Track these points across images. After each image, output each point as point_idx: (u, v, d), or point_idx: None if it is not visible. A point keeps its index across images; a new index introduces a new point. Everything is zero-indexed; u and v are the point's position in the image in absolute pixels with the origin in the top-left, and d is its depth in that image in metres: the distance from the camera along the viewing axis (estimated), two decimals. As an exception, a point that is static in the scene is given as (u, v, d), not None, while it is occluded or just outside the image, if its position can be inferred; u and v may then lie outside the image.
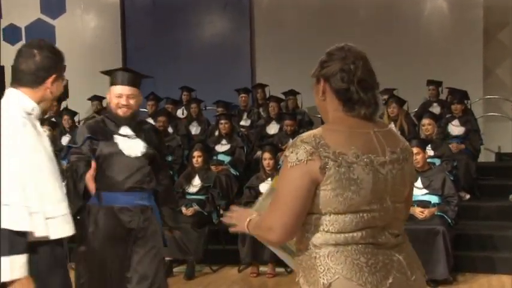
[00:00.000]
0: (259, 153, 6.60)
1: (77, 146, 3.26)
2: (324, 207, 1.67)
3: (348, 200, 1.65)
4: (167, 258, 5.55)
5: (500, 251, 5.62)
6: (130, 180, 3.23)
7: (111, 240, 3.21)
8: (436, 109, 7.77)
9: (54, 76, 2.29)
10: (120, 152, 3.25)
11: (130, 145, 3.29)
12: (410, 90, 7.97)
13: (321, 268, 1.67)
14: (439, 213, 5.27)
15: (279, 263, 5.57)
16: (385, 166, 1.70)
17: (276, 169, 5.97)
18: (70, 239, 5.94)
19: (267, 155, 5.92)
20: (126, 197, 3.23)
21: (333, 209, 1.67)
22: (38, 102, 2.26)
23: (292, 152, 1.67)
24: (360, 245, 1.67)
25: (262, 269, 5.60)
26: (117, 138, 3.29)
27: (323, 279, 1.65)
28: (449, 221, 5.26)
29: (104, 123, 3.34)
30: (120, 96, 3.28)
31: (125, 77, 3.31)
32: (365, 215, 1.67)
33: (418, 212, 5.22)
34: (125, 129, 3.33)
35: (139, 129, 3.36)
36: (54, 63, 2.30)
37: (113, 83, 3.33)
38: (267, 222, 1.71)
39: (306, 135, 1.71)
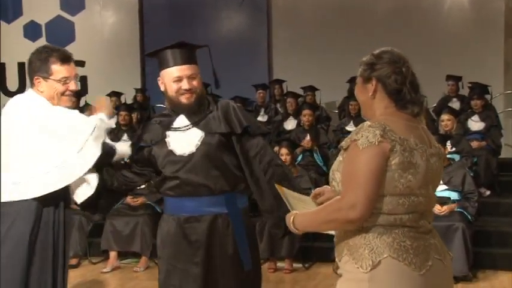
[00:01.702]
0: (276, 148, 6.60)
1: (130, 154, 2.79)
2: (385, 187, 1.79)
3: (407, 182, 1.79)
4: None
5: (521, 248, 5.55)
6: (190, 182, 2.56)
7: (178, 256, 2.61)
8: (455, 104, 7.68)
9: (35, 78, 2.56)
10: (171, 153, 2.61)
11: (183, 140, 2.61)
12: (429, 85, 7.81)
13: (369, 247, 1.80)
14: (458, 210, 5.22)
15: (296, 258, 5.57)
16: (432, 157, 1.88)
17: (293, 165, 5.97)
18: (89, 233, 5.92)
19: (284, 150, 5.91)
20: (191, 204, 2.58)
21: (392, 189, 1.79)
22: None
23: (362, 136, 1.79)
24: (406, 228, 1.81)
25: (279, 264, 5.61)
26: (169, 135, 2.64)
27: (372, 257, 1.78)
28: (469, 217, 5.21)
29: (166, 116, 2.71)
30: (179, 79, 2.58)
31: (178, 55, 2.61)
32: (415, 199, 1.82)
33: (436, 208, 5.18)
34: (181, 120, 2.65)
35: (202, 114, 2.62)
36: (37, 66, 2.56)
37: (164, 66, 2.63)
38: (348, 201, 1.76)
39: (370, 122, 1.84)
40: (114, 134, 7.54)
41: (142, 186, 6.05)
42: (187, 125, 2.61)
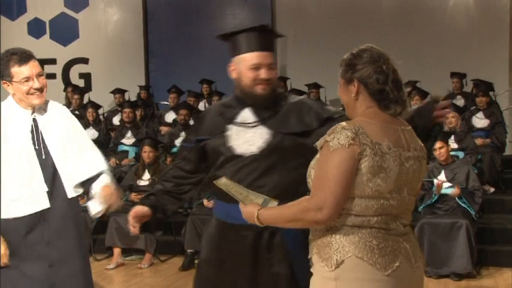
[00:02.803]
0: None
1: (188, 147, 2.44)
2: (354, 190, 1.80)
3: (376, 186, 1.79)
4: (189, 250, 5.60)
5: (525, 245, 5.54)
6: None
7: (221, 264, 2.35)
8: (460, 101, 7.66)
9: (3, 82, 2.65)
10: (229, 150, 2.29)
11: (246, 138, 2.29)
12: (433, 82, 7.88)
13: (335, 246, 1.81)
14: (463, 205, 5.20)
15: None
16: (408, 161, 1.86)
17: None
18: (93, 230, 5.92)
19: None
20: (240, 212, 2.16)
21: (360, 192, 1.79)
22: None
23: (334, 138, 1.79)
24: (373, 229, 1.81)
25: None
26: (231, 129, 2.31)
27: (336, 256, 1.80)
28: (473, 213, 5.21)
29: (228, 106, 2.38)
30: (257, 67, 2.27)
31: (259, 40, 2.29)
32: (385, 202, 1.82)
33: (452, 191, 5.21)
34: (246, 114, 2.33)
35: (271, 111, 2.30)
36: (2, 71, 2.64)
37: (239, 51, 2.30)
38: (316, 202, 1.78)
39: (345, 123, 1.84)
40: (119, 131, 7.57)
41: (146, 183, 6.08)
42: (254, 122, 2.29)
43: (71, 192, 2.68)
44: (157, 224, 5.96)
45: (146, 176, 6.11)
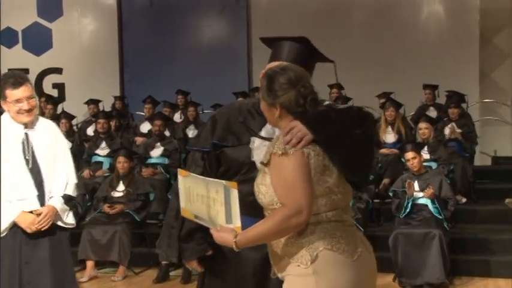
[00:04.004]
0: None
1: (205, 151, 2.26)
2: None
3: (324, 183, 1.92)
4: (163, 262, 5.54)
5: (496, 255, 5.62)
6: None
7: (234, 283, 2.23)
8: (432, 113, 7.78)
9: (1, 100, 3.05)
10: (251, 163, 2.17)
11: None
12: (407, 94, 7.99)
13: (305, 244, 1.91)
14: (434, 210, 5.26)
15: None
16: None
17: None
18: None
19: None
20: (249, 223, 2.00)
21: (314, 191, 1.89)
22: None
23: (278, 148, 1.89)
24: (333, 223, 1.94)
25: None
26: (255, 142, 2.20)
27: (309, 252, 1.90)
28: (446, 223, 5.28)
29: (250, 114, 2.25)
30: None
31: (293, 50, 2.23)
32: (334, 197, 1.95)
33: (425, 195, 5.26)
34: (271, 128, 2.18)
35: None
36: (0, 92, 3.03)
37: (275, 57, 2.27)
38: (294, 207, 1.83)
39: (281, 136, 1.95)
40: (93, 141, 7.48)
41: (121, 195, 6.02)
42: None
43: (48, 199, 3.07)
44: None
45: (121, 187, 6.05)
